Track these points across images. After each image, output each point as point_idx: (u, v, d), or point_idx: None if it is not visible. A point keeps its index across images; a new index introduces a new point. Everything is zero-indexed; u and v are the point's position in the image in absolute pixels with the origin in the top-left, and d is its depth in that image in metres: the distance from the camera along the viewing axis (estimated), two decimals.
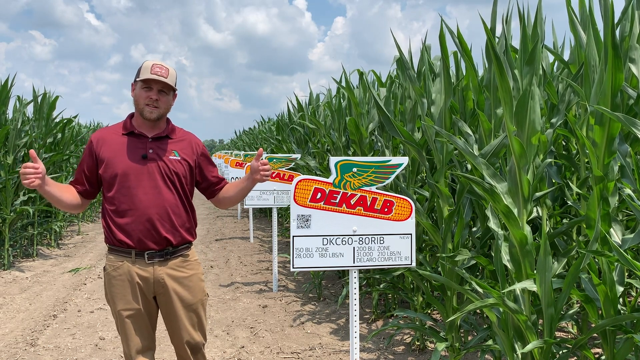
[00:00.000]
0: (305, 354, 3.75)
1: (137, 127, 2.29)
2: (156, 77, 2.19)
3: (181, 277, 2.31)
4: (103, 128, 2.38)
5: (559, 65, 3.70)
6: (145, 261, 2.23)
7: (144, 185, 2.21)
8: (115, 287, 2.25)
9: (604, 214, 2.17)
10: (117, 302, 2.25)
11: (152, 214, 2.21)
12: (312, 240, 2.65)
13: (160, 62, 2.24)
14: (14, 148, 6.58)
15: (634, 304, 2.41)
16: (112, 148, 2.25)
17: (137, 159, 2.23)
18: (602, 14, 2.51)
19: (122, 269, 2.24)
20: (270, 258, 6.98)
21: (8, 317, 4.60)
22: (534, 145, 2.28)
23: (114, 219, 2.23)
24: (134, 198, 2.20)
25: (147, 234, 2.21)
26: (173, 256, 2.29)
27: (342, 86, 5.14)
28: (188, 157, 2.33)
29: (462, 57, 3.08)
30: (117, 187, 2.22)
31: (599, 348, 3.45)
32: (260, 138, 12.79)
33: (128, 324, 2.25)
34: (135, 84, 2.27)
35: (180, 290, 2.30)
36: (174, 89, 2.29)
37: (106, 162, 2.23)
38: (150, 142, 2.27)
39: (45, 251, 7.61)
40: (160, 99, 2.24)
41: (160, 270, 2.26)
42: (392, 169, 2.69)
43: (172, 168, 2.26)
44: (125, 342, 2.28)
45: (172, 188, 2.26)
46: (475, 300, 2.35)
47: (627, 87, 2.65)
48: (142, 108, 2.23)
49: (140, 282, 2.24)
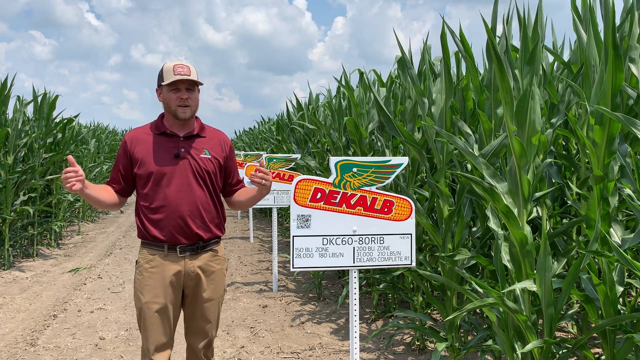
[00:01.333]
0: (305, 354, 3.75)
1: (169, 127, 2.37)
2: (181, 77, 2.24)
3: (209, 271, 2.39)
4: (135, 129, 2.46)
5: (559, 65, 3.70)
6: (177, 255, 2.31)
7: (176, 182, 2.30)
8: (146, 279, 2.31)
9: (604, 214, 2.17)
10: (145, 294, 2.30)
11: (184, 210, 2.29)
12: (312, 240, 2.65)
13: (180, 62, 2.29)
14: (14, 148, 6.58)
15: (634, 304, 2.42)
16: (145, 147, 2.33)
17: (169, 157, 2.32)
18: (602, 14, 2.51)
19: (155, 262, 2.31)
20: (270, 258, 6.98)
21: (8, 317, 4.60)
22: (534, 145, 2.28)
23: (148, 215, 2.32)
24: (166, 195, 2.29)
25: (179, 230, 2.29)
26: (203, 250, 2.37)
27: (342, 85, 5.14)
28: (218, 155, 2.41)
29: (464, 58, 3.07)
30: (150, 185, 2.30)
31: (599, 348, 3.45)
32: (260, 138, 12.79)
33: (152, 318, 2.29)
34: (160, 88, 2.33)
35: (206, 284, 2.38)
36: (199, 83, 2.35)
37: (140, 161, 2.32)
38: (182, 141, 2.35)
39: (45, 251, 7.61)
40: (190, 97, 2.31)
41: (190, 264, 2.33)
42: (392, 169, 2.69)
43: (202, 166, 2.34)
44: (146, 336, 2.31)
45: (202, 185, 2.34)
46: (475, 300, 2.35)
47: (627, 87, 2.65)
48: (175, 109, 2.30)
49: (172, 275, 2.31)
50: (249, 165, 5.60)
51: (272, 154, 6.38)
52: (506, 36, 2.68)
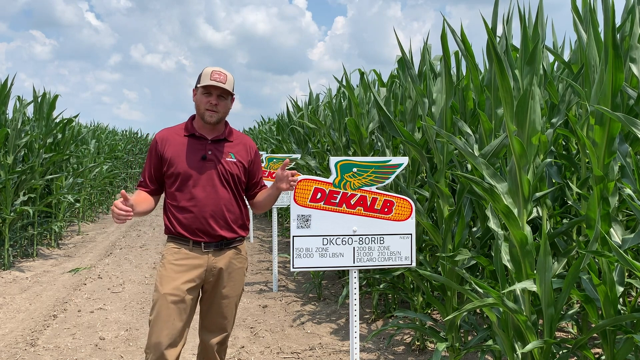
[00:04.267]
0: (305, 354, 3.75)
1: (198, 129, 2.45)
2: (215, 83, 2.34)
3: (231, 268, 2.46)
4: (165, 128, 2.53)
5: (560, 65, 3.70)
6: (201, 249, 2.39)
7: (202, 184, 2.39)
8: (168, 270, 2.36)
9: (604, 214, 2.17)
10: (164, 285, 2.33)
11: (209, 211, 2.38)
12: (312, 240, 2.65)
13: (219, 69, 2.38)
14: (14, 148, 6.58)
15: (634, 304, 2.41)
16: (175, 148, 2.42)
17: (197, 159, 2.40)
18: (602, 14, 2.51)
19: (180, 254, 2.39)
20: (270, 258, 6.98)
21: (8, 317, 4.60)
22: (534, 145, 2.28)
23: (175, 213, 2.40)
24: (193, 196, 2.37)
25: (203, 230, 2.38)
26: (227, 247, 2.45)
27: (343, 85, 5.14)
28: (243, 159, 2.50)
29: (465, 57, 3.07)
30: (178, 184, 2.39)
31: (599, 348, 3.45)
32: (260, 138, 12.79)
33: (167, 309, 2.30)
34: (196, 89, 2.43)
35: (227, 281, 2.46)
36: (232, 94, 2.45)
37: (169, 160, 2.40)
38: (209, 144, 2.43)
39: (45, 251, 7.61)
40: (220, 104, 2.39)
41: (214, 260, 2.41)
42: (392, 169, 2.69)
43: (228, 169, 2.43)
44: (159, 329, 2.29)
45: (227, 187, 2.43)
46: (475, 300, 2.34)
47: (627, 87, 2.65)
48: (203, 112, 2.39)
49: (194, 269, 2.37)
50: None
51: (272, 154, 6.38)
52: (506, 36, 2.68)
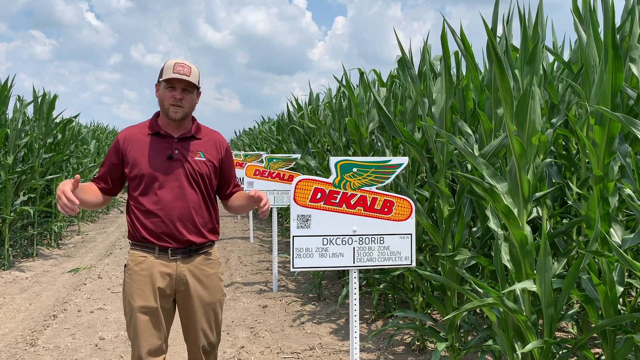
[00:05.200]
0: (305, 354, 3.75)
1: (163, 127, 2.30)
2: (179, 76, 2.18)
3: (202, 275, 2.31)
4: (130, 127, 2.37)
5: (560, 65, 3.70)
6: (168, 257, 2.24)
7: (168, 185, 2.23)
8: (136, 282, 2.23)
9: (604, 214, 2.17)
10: (135, 299, 2.21)
11: (176, 214, 2.23)
12: (312, 240, 2.64)
13: (182, 61, 2.23)
14: (14, 148, 6.58)
15: (634, 304, 2.41)
16: (138, 148, 2.26)
17: (162, 159, 2.24)
18: (602, 14, 2.51)
19: (145, 264, 2.23)
20: (270, 258, 6.98)
21: (8, 317, 4.60)
22: (534, 145, 2.28)
23: (139, 217, 2.25)
24: (158, 198, 2.22)
25: (170, 234, 2.23)
26: (196, 253, 2.30)
27: (343, 85, 5.14)
28: (213, 157, 2.34)
29: (464, 57, 3.07)
30: (142, 187, 2.24)
31: (599, 348, 3.45)
32: (260, 138, 12.79)
33: (142, 323, 2.20)
34: (158, 84, 2.27)
35: (200, 289, 2.30)
36: (198, 87, 2.28)
37: (132, 161, 2.25)
38: (176, 143, 2.28)
39: (45, 251, 7.61)
40: (184, 98, 2.24)
41: (182, 267, 2.26)
42: (392, 169, 2.69)
43: (196, 169, 2.28)
44: (137, 342, 2.21)
45: (196, 188, 2.28)
46: (475, 300, 2.34)
47: (627, 87, 2.65)
48: (167, 108, 2.23)
49: (162, 278, 2.23)
50: (249, 165, 5.59)
51: (272, 154, 6.38)
52: (506, 36, 2.68)
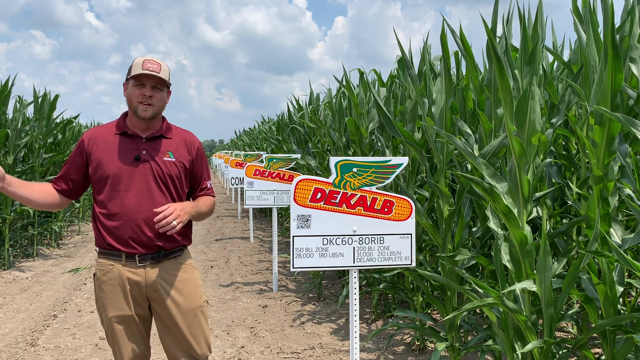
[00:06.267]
0: (305, 354, 3.75)
1: (131, 127, 2.19)
2: (148, 72, 2.08)
3: (175, 281, 2.20)
4: (96, 127, 2.26)
5: (559, 65, 3.70)
6: (136, 264, 2.13)
7: (135, 188, 2.12)
8: (106, 292, 2.14)
9: (604, 214, 2.17)
10: (107, 309, 2.14)
11: (143, 218, 2.11)
12: (312, 240, 2.64)
13: (151, 58, 2.14)
14: (14, 148, 6.58)
15: (634, 304, 2.41)
16: (104, 148, 2.15)
17: (129, 160, 2.13)
18: (602, 14, 2.51)
19: (113, 273, 2.14)
20: (270, 258, 6.98)
21: (8, 317, 4.60)
22: (534, 145, 2.28)
23: (104, 222, 2.13)
24: (124, 201, 2.11)
25: (136, 239, 2.12)
26: (165, 258, 2.19)
27: (343, 85, 5.14)
28: (183, 158, 2.23)
29: (464, 57, 3.07)
30: (107, 189, 2.12)
31: (599, 348, 3.45)
32: (260, 138, 12.80)
33: (120, 332, 2.14)
34: (127, 82, 2.16)
35: (175, 295, 2.19)
36: (168, 84, 2.19)
37: (97, 162, 2.14)
38: (143, 143, 2.17)
39: (46, 251, 7.61)
40: (154, 96, 2.13)
41: (152, 273, 2.16)
42: (392, 169, 2.69)
43: (165, 170, 2.17)
44: (118, 351, 2.16)
45: (165, 191, 2.17)
46: (475, 300, 2.34)
47: (627, 87, 2.65)
48: (136, 106, 2.13)
49: (132, 286, 2.14)
50: (249, 165, 5.59)
51: (272, 154, 6.38)
52: (506, 36, 2.68)
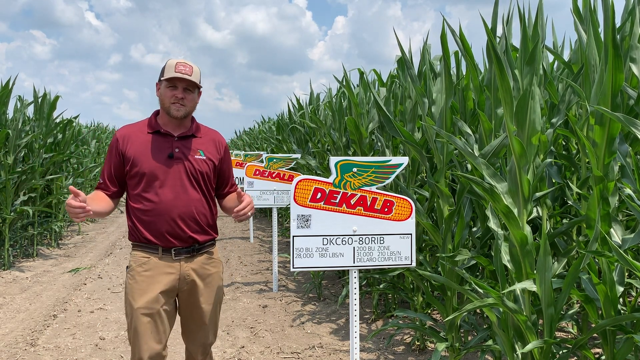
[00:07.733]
0: (305, 354, 3.75)
1: (163, 125, 2.30)
2: (181, 75, 2.19)
3: (205, 274, 2.33)
4: (127, 125, 2.36)
5: (560, 65, 3.70)
6: (172, 257, 2.24)
7: (169, 184, 2.23)
8: (139, 282, 2.21)
9: (604, 214, 2.17)
10: (137, 299, 2.19)
11: (178, 213, 2.23)
12: (312, 240, 2.64)
13: (184, 60, 2.24)
14: (14, 148, 6.58)
15: (634, 304, 2.41)
16: (138, 146, 2.25)
17: (163, 158, 2.24)
18: (602, 14, 2.51)
19: (149, 265, 2.23)
20: (270, 258, 6.98)
21: (8, 317, 4.60)
22: (534, 145, 2.28)
23: (140, 217, 2.24)
24: (160, 197, 2.22)
25: (173, 233, 2.23)
26: (199, 253, 2.32)
27: (343, 85, 5.14)
28: (212, 156, 2.35)
29: (464, 57, 3.07)
30: (143, 186, 2.23)
31: (599, 348, 3.45)
32: (260, 138, 12.79)
33: (144, 325, 2.18)
34: (159, 83, 2.28)
35: (203, 288, 2.32)
36: (199, 86, 2.29)
37: (132, 160, 2.23)
38: (176, 141, 2.28)
39: (46, 251, 7.61)
40: (186, 97, 2.25)
41: (186, 267, 2.27)
42: (392, 169, 2.69)
43: (197, 167, 2.28)
44: (138, 345, 2.18)
45: (197, 187, 2.29)
46: (475, 300, 2.34)
47: (628, 87, 2.65)
48: (169, 107, 2.24)
49: (166, 279, 2.23)
50: (249, 165, 5.59)
51: (272, 154, 6.38)
52: (506, 36, 2.67)
